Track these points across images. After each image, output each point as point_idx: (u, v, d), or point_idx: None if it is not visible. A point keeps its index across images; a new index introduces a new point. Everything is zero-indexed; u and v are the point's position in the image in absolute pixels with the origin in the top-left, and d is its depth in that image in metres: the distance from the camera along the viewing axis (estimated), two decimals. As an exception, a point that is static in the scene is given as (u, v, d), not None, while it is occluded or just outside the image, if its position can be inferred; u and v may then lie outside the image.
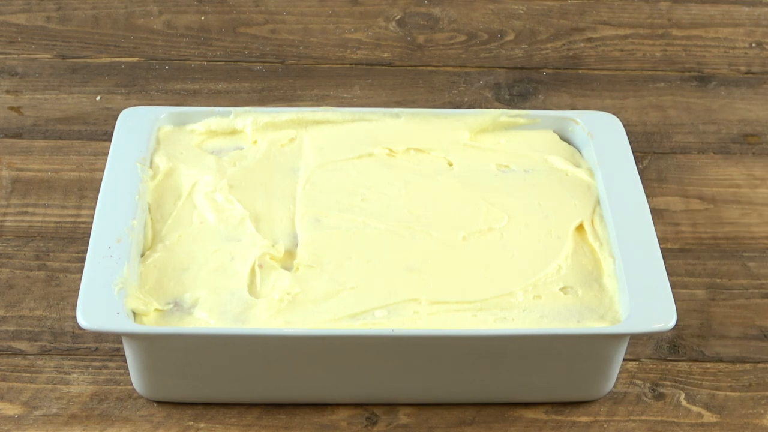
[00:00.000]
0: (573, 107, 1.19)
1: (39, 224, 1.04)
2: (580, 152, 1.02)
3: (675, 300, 0.87)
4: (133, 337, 0.85)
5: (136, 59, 1.24)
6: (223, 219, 0.94)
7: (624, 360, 0.94)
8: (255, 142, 1.01)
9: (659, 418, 0.91)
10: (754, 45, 1.28)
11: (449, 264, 0.91)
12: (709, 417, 0.91)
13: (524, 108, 1.18)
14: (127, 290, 0.87)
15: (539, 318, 0.88)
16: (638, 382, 0.94)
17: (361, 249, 0.92)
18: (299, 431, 0.89)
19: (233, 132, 1.02)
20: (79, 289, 0.86)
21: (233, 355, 0.86)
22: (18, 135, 1.14)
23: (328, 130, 1.02)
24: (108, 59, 1.23)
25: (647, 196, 0.96)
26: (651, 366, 0.95)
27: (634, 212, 0.94)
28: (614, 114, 1.04)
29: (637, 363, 0.95)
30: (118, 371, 0.93)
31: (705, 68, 1.25)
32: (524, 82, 1.22)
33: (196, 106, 1.04)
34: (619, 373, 0.93)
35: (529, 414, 0.91)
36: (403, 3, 1.31)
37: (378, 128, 1.02)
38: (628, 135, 1.01)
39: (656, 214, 1.05)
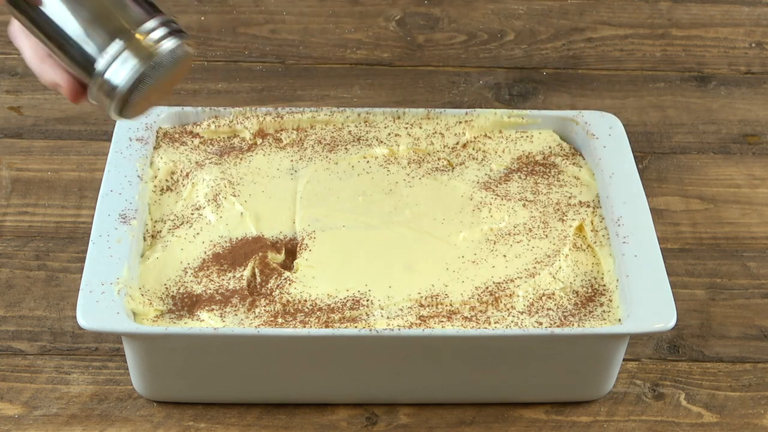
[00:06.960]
0: (573, 107, 1.19)
1: (39, 224, 1.04)
2: (580, 152, 1.02)
3: (675, 300, 0.87)
4: (133, 337, 0.85)
5: (136, 59, 1.23)
6: (223, 219, 0.94)
7: (624, 360, 0.94)
8: (255, 142, 1.01)
9: (659, 418, 0.91)
10: (754, 45, 1.28)
11: (449, 264, 0.91)
12: (709, 417, 0.91)
13: (524, 108, 1.18)
14: (127, 290, 0.87)
15: (539, 318, 0.88)
16: (638, 382, 0.94)
17: (361, 249, 0.92)
18: (299, 431, 0.89)
19: (233, 132, 1.02)
20: (79, 289, 0.86)
21: (233, 355, 0.86)
22: (18, 135, 1.14)
23: (328, 130, 1.02)
24: (108, 59, 1.23)
25: (647, 196, 0.96)
26: (651, 366, 0.95)
27: (634, 212, 0.94)
28: (614, 114, 1.04)
29: (637, 363, 0.95)
30: (118, 371, 0.93)
31: (705, 68, 1.25)
32: (524, 82, 1.22)
33: (196, 106, 1.03)
34: (619, 373, 0.93)
35: (529, 414, 0.91)
36: (403, 3, 1.31)
37: (378, 128, 1.02)
38: (628, 135, 1.01)
39: (656, 214, 1.05)
